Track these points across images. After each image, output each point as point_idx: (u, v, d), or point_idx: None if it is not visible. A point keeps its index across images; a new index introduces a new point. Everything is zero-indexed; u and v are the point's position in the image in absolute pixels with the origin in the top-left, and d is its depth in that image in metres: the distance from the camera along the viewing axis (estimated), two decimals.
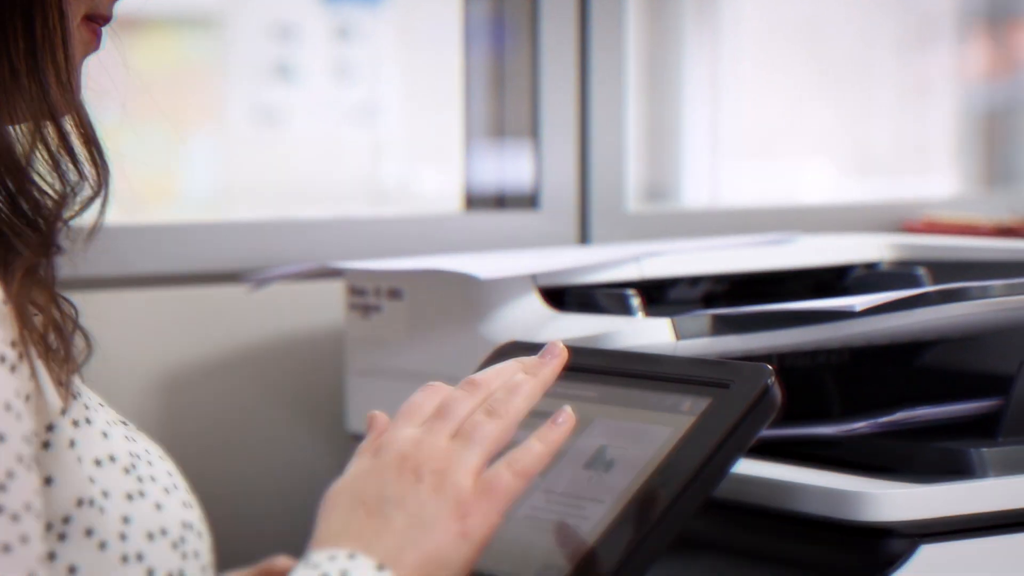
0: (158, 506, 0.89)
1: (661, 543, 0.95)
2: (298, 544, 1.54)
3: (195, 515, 0.93)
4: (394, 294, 1.40)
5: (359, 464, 0.96)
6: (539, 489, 1.03)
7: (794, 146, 3.31)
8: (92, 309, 1.56)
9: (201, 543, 0.91)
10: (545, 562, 0.97)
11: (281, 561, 1.09)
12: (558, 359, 1.01)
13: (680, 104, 3.19)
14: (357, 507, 0.91)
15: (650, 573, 0.95)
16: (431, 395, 0.98)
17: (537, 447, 0.94)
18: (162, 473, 0.92)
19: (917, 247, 1.46)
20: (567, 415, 0.96)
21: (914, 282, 1.37)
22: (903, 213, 1.90)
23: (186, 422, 1.59)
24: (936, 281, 1.37)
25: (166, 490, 0.91)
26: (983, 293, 1.13)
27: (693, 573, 1.06)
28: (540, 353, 1.02)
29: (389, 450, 0.95)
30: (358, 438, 1.49)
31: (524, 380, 0.97)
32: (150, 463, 0.92)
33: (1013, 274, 1.18)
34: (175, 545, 0.89)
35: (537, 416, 0.98)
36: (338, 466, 1.56)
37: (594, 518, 0.98)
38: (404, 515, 0.90)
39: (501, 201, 1.79)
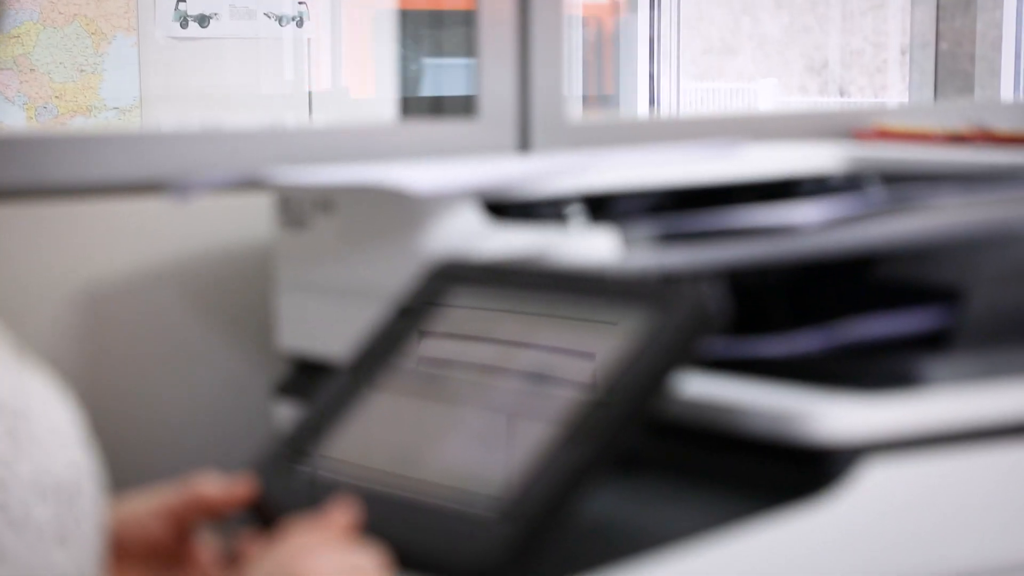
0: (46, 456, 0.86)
1: (604, 462, 0.95)
2: (225, 461, 1.53)
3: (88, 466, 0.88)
4: (326, 206, 1.37)
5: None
6: (477, 407, 1.01)
7: (746, 62, 3.30)
8: (8, 222, 1.53)
9: (91, 498, 0.87)
10: (485, 484, 0.97)
11: (208, 486, 1.06)
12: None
13: (632, 18, 3.17)
14: None
15: (592, 494, 0.95)
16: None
17: None
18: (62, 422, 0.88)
19: (868, 157, 1.46)
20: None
21: (865, 193, 1.36)
22: (854, 122, 1.88)
23: (109, 340, 1.57)
24: (887, 192, 1.36)
25: (63, 445, 0.87)
26: (932, 206, 1.13)
27: (634, 491, 1.06)
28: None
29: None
30: (288, 355, 1.48)
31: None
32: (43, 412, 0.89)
33: (965, 183, 1.18)
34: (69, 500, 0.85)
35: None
36: (268, 382, 1.56)
37: (533, 437, 0.97)
38: None
39: (438, 110, 1.76)
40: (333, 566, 0.90)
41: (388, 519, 0.98)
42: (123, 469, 1.56)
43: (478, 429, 1.01)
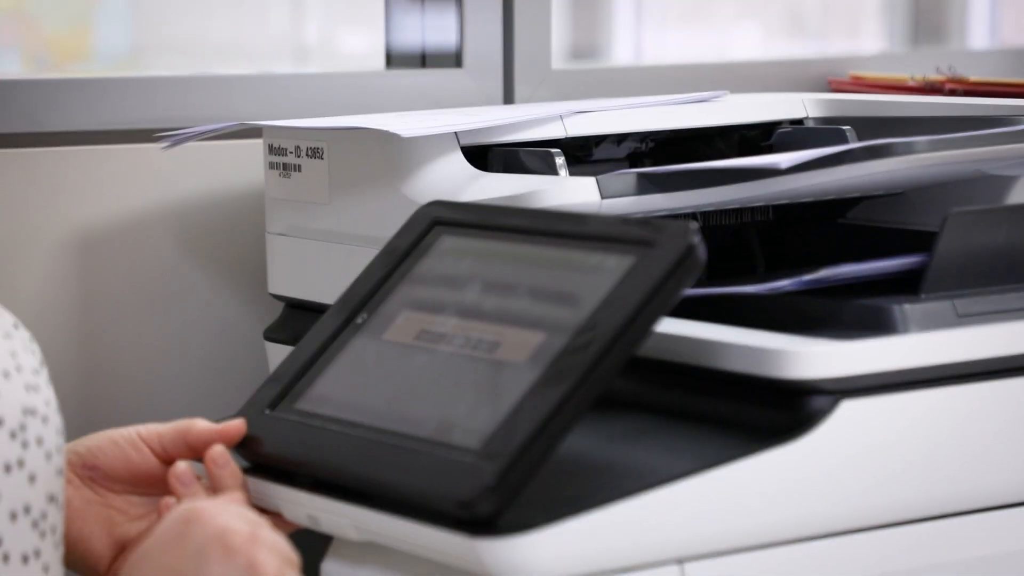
0: None
1: (584, 402, 0.95)
2: (218, 406, 1.54)
3: (40, 398, 0.87)
4: (314, 153, 1.38)
5: (168, 531, 0.91)
6: (461, 349, 1.03)
7: (722, 8, 3.29)
8: (4, 167, 1.53)
9: (46, 428, 0.87)
10: (468, 424, 0.98)
11: (199, 423, 1.07)
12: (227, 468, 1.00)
13: None
14: None
15: (573, 431, 0.96)
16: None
17: None
18: (2, 355, 0.86)
19: (843, 104, 1.46)
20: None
21: (840, 139, 1.37)
22: (829, 70, 1.89)
23: (102, 285, 1.57)
24: (862, 138, 1.37)
25: (5, 374, 0.85)
26: (908, 149, 1.13)
27: (616, 431, 1.07)
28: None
29: (205, 525, 0.90)
30: (279, 299, 1.49)
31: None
32: None
33: (938, 130, 1.19)
34: (13, 434, 0.84)
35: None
36: (259, 327, 1.57)
37: (518, 376, 0.98)
38: None
39: (423, 59, 1.77)
40: (232, 513, 0.91)
41: (372, 459, 0.99)
42: (116, 412, 1.58)
43: (462, 370, 1.02)
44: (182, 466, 1.03)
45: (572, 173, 1.26)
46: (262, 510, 1.04)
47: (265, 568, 0.87)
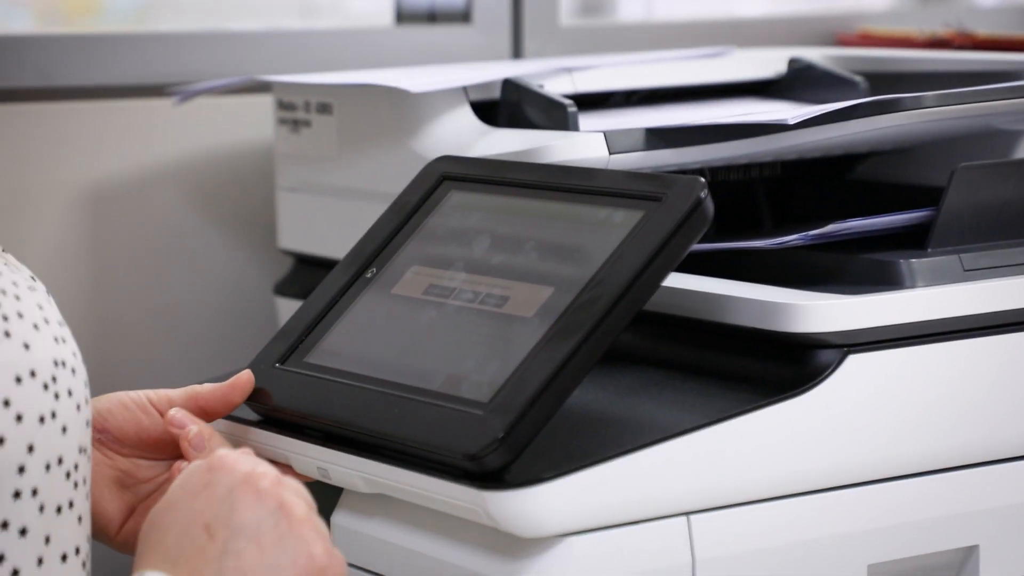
0: (26, 345, 0.84)
1: (593, 355, 0.96)
2: (228, 360, 1.55)
3: (68, 350, 0.87)
4: (324, 108, 1.38)
5: (193, 479, 0.91)
6: (470, 303, 1.03)
7: None
8: (15, 122, 1.54)
9: (75, 379, 0.86)
10: (476, 377, 0.98)
11: (207, 385, 1.08)
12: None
13: None
14: (195, 529, 0.87)
15: (581, 385, 0.96)
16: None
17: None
18: (30, 307, 0.86)
19: (851, 59, 1.46)
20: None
21: (850, 86, 1.37)
22: (838, 26, 1.89)
23: (114, 238, 1.58)
24: (870, 93, 1.37)
25: (35, 326, 0.85)
26: (916, 103, 1.13)
27: (624, 385, 1.07)
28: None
29: (231, 472, 0.90)
30: (289, 254, 1.50)
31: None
32: (17, 297, 0.86)
33: (946, 85, 1.18)
34: (46, 386, 0.84)
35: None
36: (269, 282, 1.58)
37: (527, 331, 0.98)
38: (256, 550, 0.86)
39: (432, 15, 1.77)
40: (255, 460, 0.91)
41: (381, 412, 1.00)
42: (128, 366, 1.59)
43: (471, 324, 1.02)
44: (194, 430, 1.04)
45: (581, 127, 1.26)
46: (273, 462, 1.05)
47: (295, 508, 0.88)
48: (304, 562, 0.86)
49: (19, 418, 0.82)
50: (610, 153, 1.16)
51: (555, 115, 1.25)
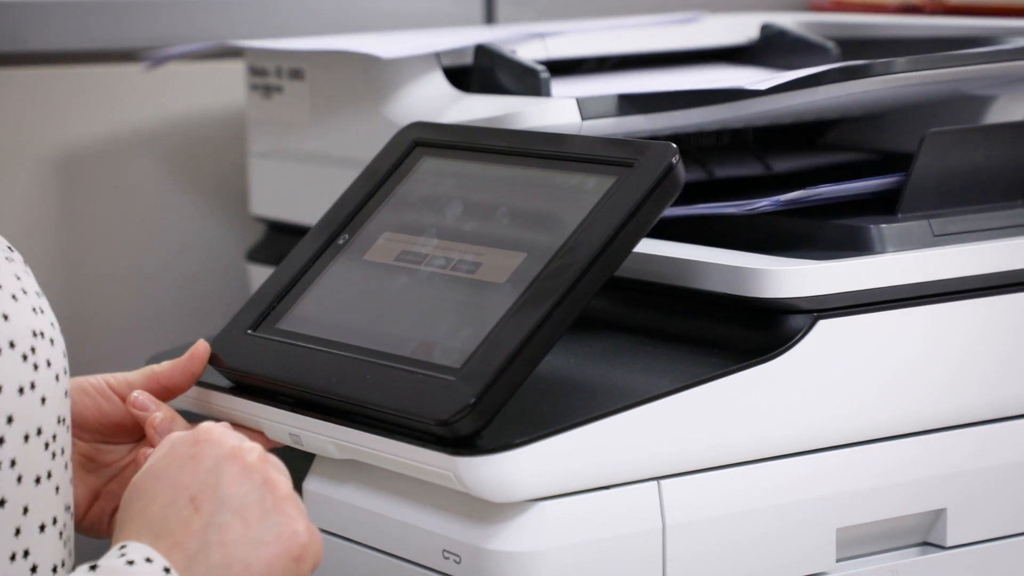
0: (5, 316, 0.84)
1: (564, 321, 0.96)
2: (200, 326, 1.55)
3: (46, 320, 0.87)
4: (296, 74, 1.38)
5: (178, 451, 0.90)
6: (441, 270, 1.03)
7: None
8: None
9: (53, 350, 0.86)
10: (447, 343, 0.98)
11: (163, 363, 1.07)
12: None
13: None
14: (180, 500, 0.87)
15: (553, 351, 0.97)
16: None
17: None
18: (8, 278, 0.86)
19: (823, 25, 1.46)
20: None
21: (821, 52, 1.37)
22: None
23: (83, 206, 1.58)
24: (842, 59, 1.37)
25: (13, 297, 0.85)
26: (886, 69, 1.13)
27: (595, 351, 1.07)
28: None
29: (218, 446, 0.90)
30: (261, 220, 1.50)
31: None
32: None
33: (918, 51, 1.18)
34: (25, 356, 0.84)
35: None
36: (241, 248, 1.57)
37: (499, 297, 0.98)
38: (241, 524, 0.86)
39: None
40: (239, 436, 0.91)
41: (353, 378, 1.00)
42: (97, 333, 1.59)
43: (443, 290, 1.02)
44: (159, 416, 1.04)
45: (553, 93, 1.26)
46: (246, 429, 1.05)
47: (279, 485, 0.88)
48: (288, 538, 0.87)
49: None
50: (582, 119, 1.16)
51: (528, 81, 1.25)
